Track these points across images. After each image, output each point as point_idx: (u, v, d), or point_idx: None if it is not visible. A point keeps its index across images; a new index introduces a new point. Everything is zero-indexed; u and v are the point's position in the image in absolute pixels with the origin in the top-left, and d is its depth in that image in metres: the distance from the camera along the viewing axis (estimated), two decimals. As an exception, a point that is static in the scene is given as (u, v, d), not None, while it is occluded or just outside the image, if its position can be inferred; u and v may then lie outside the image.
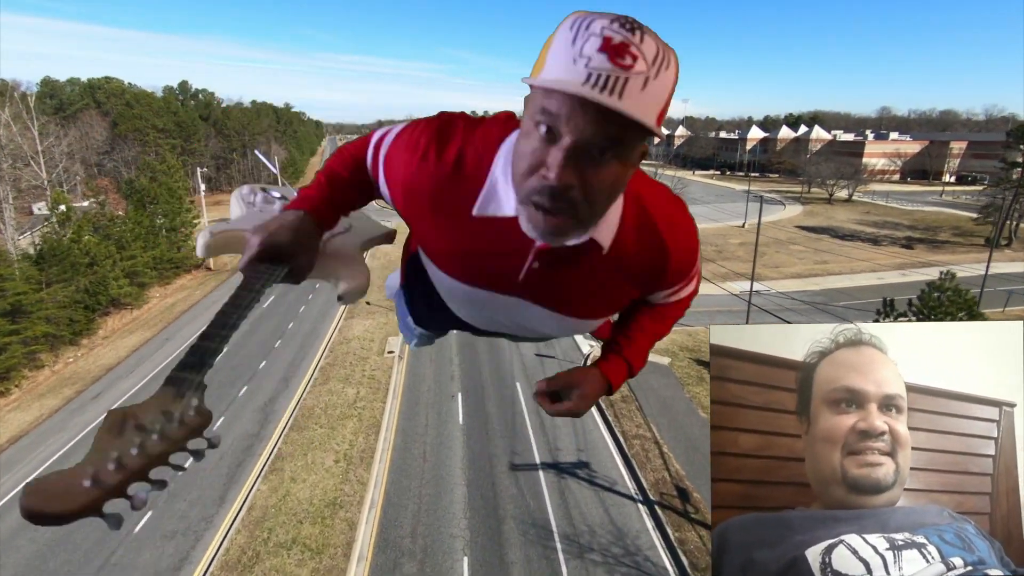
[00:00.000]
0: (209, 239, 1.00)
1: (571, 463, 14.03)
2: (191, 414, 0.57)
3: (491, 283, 0.92)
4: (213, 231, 1.02)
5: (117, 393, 18.65)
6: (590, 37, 0.62)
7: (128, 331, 25.71)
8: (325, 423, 16.17)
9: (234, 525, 12.03)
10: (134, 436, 0.53)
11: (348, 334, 23.08)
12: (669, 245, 0.88)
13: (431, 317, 1.31)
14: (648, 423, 15.59)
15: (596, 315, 1.00)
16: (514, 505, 12.55)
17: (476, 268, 0.91)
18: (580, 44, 0.62)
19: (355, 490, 13.16)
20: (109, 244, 27.88)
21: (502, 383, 18.42)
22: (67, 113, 58.92)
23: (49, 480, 0.46)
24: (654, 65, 0.62)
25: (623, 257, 0.85)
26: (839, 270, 33.50)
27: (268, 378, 19.05)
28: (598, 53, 0.61)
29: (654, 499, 12.49)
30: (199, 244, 1.01)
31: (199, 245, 1.01)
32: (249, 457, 14.53)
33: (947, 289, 15.13)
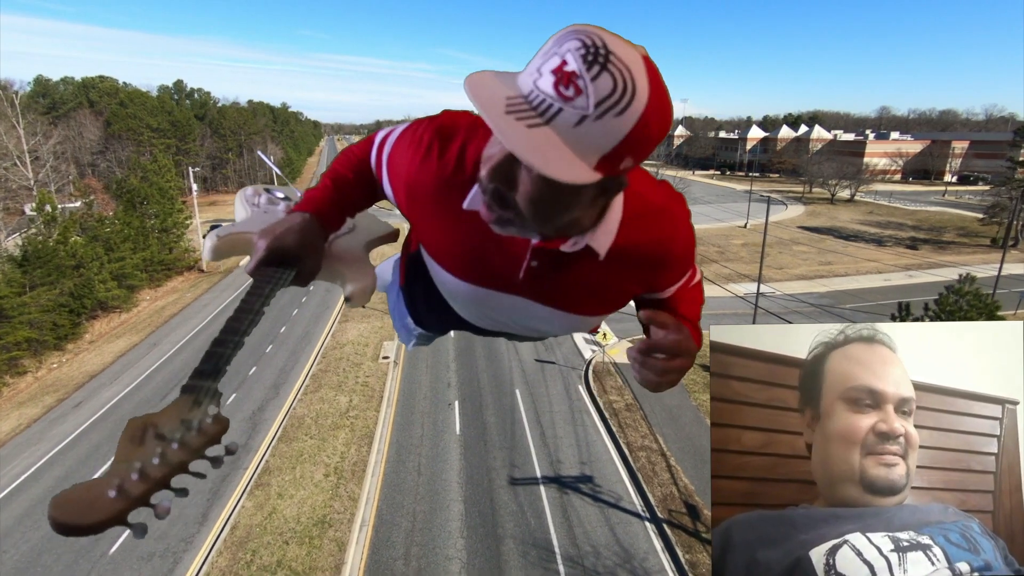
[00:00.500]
0: (216, 242, 1.00)
1: (574, 477, 13.33)
2: (208, 422, 0.58)
3: (493, 282, 0.92)
4: (220, 234, 1.01)
5: (99, 402, 17.90)
6: (554, 56, 0.60)
7: (116, 335, 24.96)
8: (316, 434, 15.45)
9: (215, 546, 11.30)
10: (155, 445, 0.53)
11: (342, 338, 22.36)
12: (669, 243, 0.88)
13: (431, 316, 1.29)
14: (654, 433, 14.89)
15: (598, 312, 0.98)
16: (514, 523, 11.85)
17: (478, 266, 0.90)
18: (545, 59, 0.60)
19: (345, 507, 12.44)
20: (97, 246, 27.11)
21: (501, 390, 17.70)
22: (59, 112, 58.18)
23: (75, 492, 0.47)
24: (600, 106, 0.58)
25: (624, 257, 0.84)
26: (844, 271, 32.87)
27: (258, 385, 18.32)
28: (550, 73, 0.59)
29: (662, 517, 11.78)
30: (206, 248, 1.02)
31: (206, 248, 1.02)
32: (235, 470, 13.80)
33: (966, 292, 14.46)
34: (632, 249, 0.84)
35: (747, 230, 43.78)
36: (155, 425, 0.55)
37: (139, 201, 32.56)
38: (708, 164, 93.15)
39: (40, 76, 64.15)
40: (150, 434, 0.54)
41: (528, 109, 0.59)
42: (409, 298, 1.33)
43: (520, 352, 19.97)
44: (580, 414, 16.16)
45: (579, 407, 16.55)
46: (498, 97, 0.60)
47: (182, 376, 15.50)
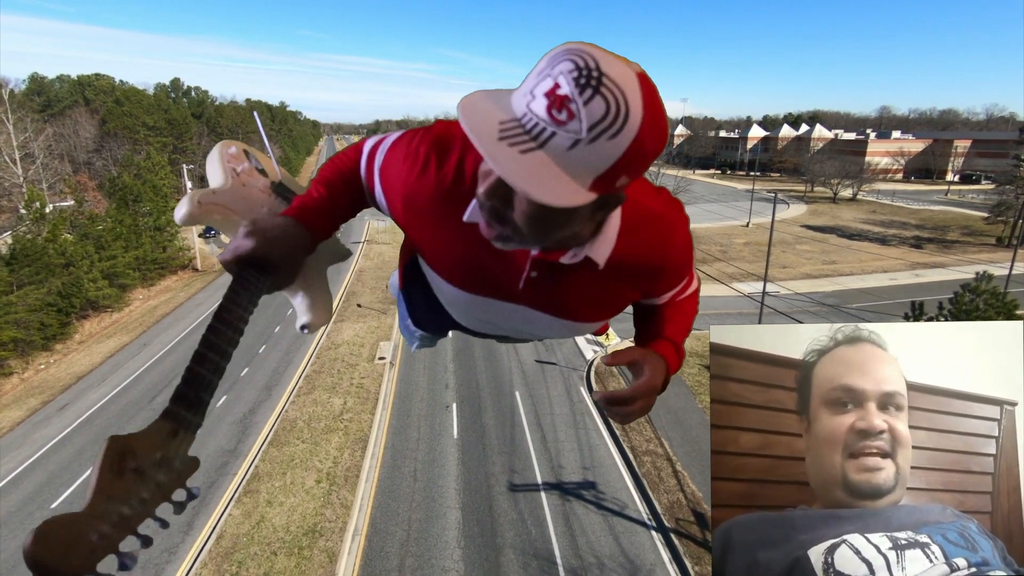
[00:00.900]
0: (193, 209, 0.96)
1: (576, 483, 12.78)
2: (180, 462, 0.57)
3: (493, 291, 0.91)
4: (200, 200, 0.97)
5: (85, 404, 17.34)
6: (547, 78, 0.59)
7: (106, 335, 24.40)
8: (308, 437, 14.89)
9: (200, 557, 10.75)
10: (133, 484, 0.52)
11: (337, 339, 21.80)
12: (667, 250, 0.88)
13: (431, 319, 1.28)
14: (659, 437, 14.35)
15: (598, 318, 0.99)
16: (514, 532, 11.30)
17: (477, 277, 0.90)
18: (538, 80, 0.60)
19: (337, 515, 11.89)
20: (87, 244, 26.54)
21: (500, 392, 17.15)
22: (54, 110, 57.59)
23: (57, 527, 0.45)
24: (593, 130, 0.57)
25: (623, 266, 0.85)
26: (849, 270, 32.37)
27: (249, 387, 17.76)
28: (543, 96, 0.59)
29: (669, 526, 11.24)
30: (180, 212, 0.96)
31: (180, 213, 0.97)
32: (223, 476, 13.25)
33: (983, 291, 13.93)
34: (631, 258, 0.85)
35: (749, 229, 43.30)
36: (134, 453, 0.53)
37: (132, 199, 31.97)
38: (709, 163, 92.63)
39: (35, 74, 63.59)
40: (129, 465, 0.52)
41: (522, 133, 0.59)
42: (408, 300, 1.33)
43: (520, 353, 19.42)
44: (582, 417, 15.61)
45: (581, 409, 16.01)
46: (491, 122, 0.60)
47: (172, 377, 14.90)
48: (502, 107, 0.62)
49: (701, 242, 36.51)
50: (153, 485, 0.52)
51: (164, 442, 0.56)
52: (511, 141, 0.59)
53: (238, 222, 1.01)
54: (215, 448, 14.23)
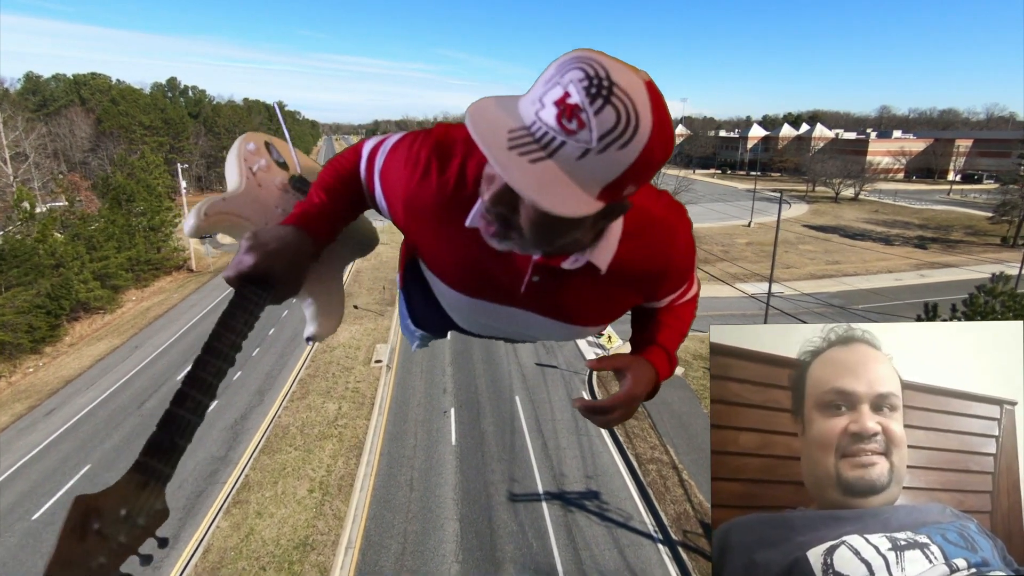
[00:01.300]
0: (200, 222, 0.94)
1: (579, 492, 12.30)
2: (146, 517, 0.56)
3: (494, 296, 0.91)
4: (207, 212, 0.95)
5: (73, 409, 16.83)
6: (556, 86, 0.59)
7: (97, 338, 23.89)
8: (301, 444, 14.40)
9: (185, 572, 10.26)
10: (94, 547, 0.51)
11: (333, 341, 21.26)
12: (669, 254, 0.88)
13: (430, 319, 1.27)
14: (664, 444, 13.87)
15: (600, 322, 0.98)
16: (514, 545, 10.82)
17: (479, 281, 0.90)
18: (547, 88, 0.59)
19: (330, 527, 11.39)
20: (78, 244, 26.02)
21: (500, 397, 16.66)
22: (50, 110, 57.02)
23: None
24: (603, 139, 0.57)
25: (624, 271, 0.85)
26: (854, 271, 31.92)
27: (242, 391, 17.26)
28: (553, 105, 0.58)
29: (676, 539, 10.76)
30: (188, 225, 0.95)
31: (187, 226, 0.95)
32: (211, 486, 12.75)
33: (1000, 293, 13.46)
34: (633, 262, 0.84)
35: (751, 229, 42.85)
36: (99, 513, 0.52)
37: (125, 199, 31.42)
38: (709, 163, 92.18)
39: (30, 72, 62.95)
40: (92, 527, 0.51)
41: (531, 142, 0.59)
42: (408, 300, 1.31)
43: (520, 356, 18.94)
44: (584, 423, 15.11)
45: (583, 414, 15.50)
46: (500, 131, 0.59)
47: (162, 382, 14.23)
48: (511, 115, 0.61)
49: (703, 242, 36.04)
50: (115, 545, 0.52)
51: (132, 496, 0.55)
52: (521, 150, 0.58)
53: (249, 228, 0.98)
54: (204, 456, 13.73)
